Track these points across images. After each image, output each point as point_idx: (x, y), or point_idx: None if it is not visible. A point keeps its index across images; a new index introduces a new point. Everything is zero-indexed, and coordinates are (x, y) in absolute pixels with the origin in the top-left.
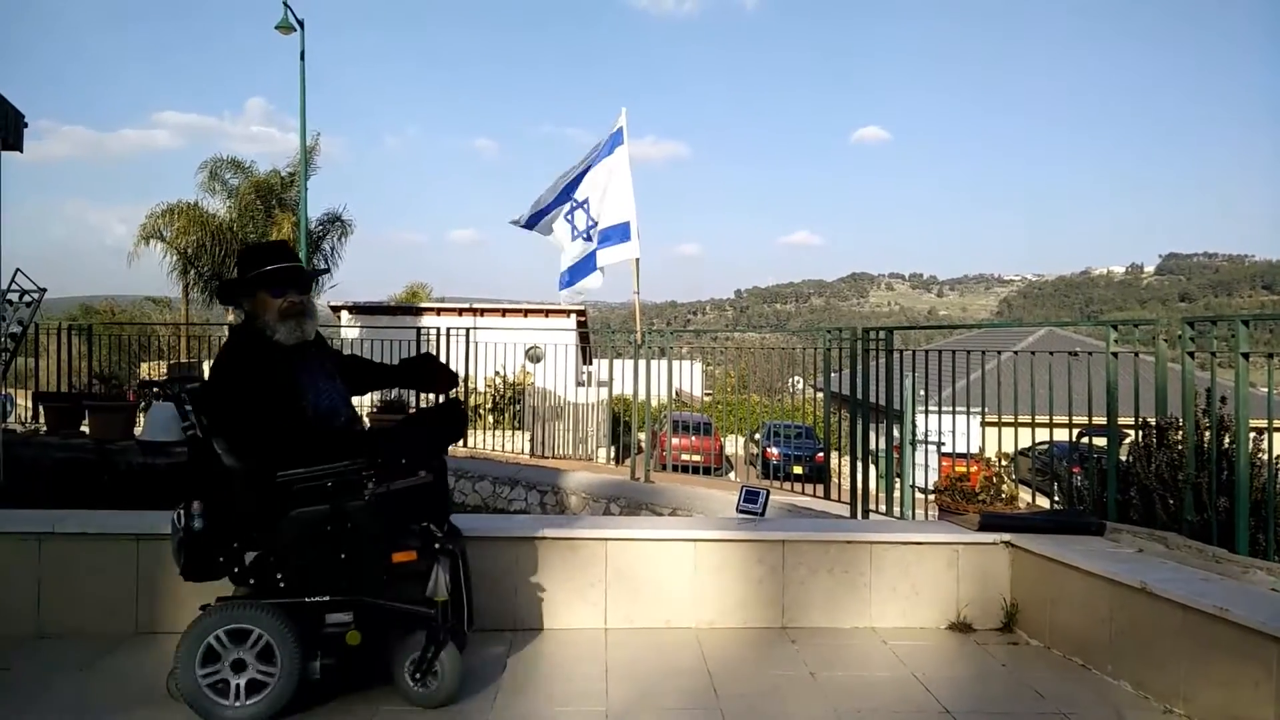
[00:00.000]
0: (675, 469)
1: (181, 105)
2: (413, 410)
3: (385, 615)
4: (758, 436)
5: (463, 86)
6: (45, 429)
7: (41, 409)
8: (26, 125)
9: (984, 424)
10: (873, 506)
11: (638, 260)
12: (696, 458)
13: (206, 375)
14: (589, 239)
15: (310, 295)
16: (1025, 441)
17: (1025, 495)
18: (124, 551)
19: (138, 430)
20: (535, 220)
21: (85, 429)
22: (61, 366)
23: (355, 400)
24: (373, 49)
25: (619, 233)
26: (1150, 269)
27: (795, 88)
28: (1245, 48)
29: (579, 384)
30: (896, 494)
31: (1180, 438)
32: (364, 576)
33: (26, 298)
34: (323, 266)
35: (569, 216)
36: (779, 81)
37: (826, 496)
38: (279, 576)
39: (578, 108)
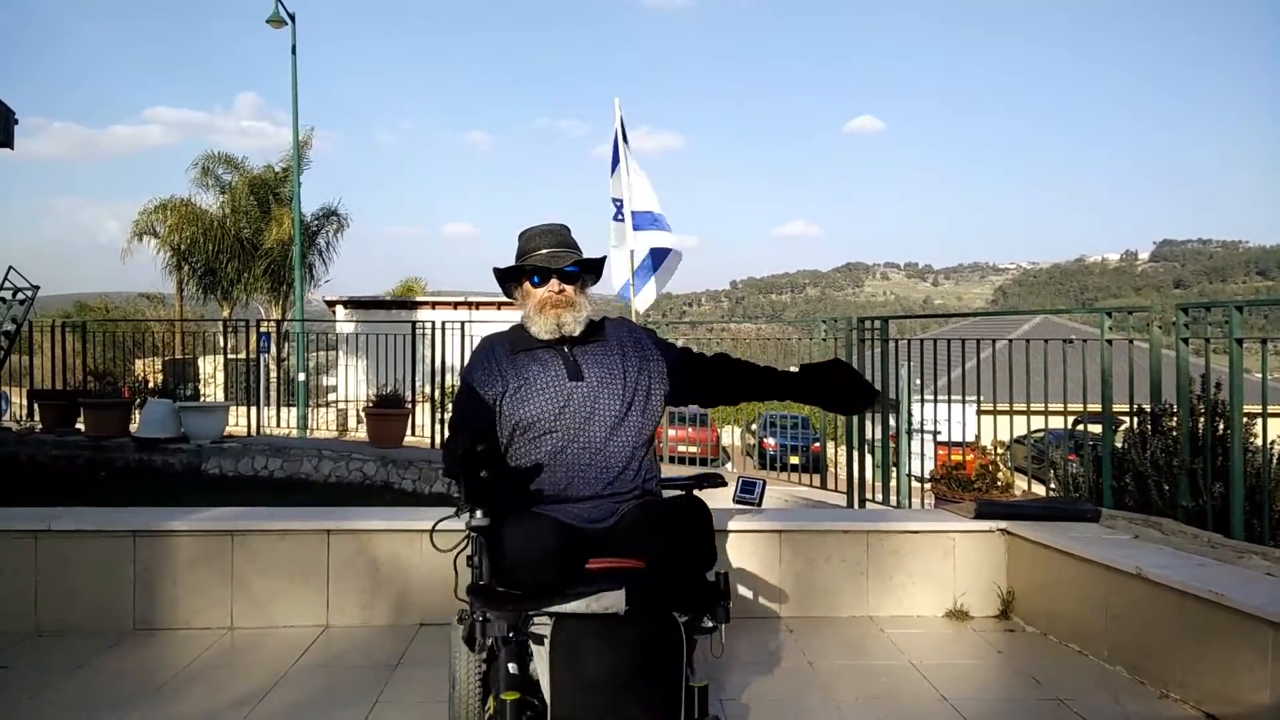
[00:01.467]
0: (672, 460)
1: (173, 101)
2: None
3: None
4: (754, 427)
5: (455, 80)
6: (41, 426)
7: (37, 406)
8: (17, 122)
9: (979, 412)
10: (869, 496)
11: (632, 252)
12: (693, 449)
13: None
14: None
15: (582, 283)
16: (1021, 429)
17: (1021, 483)
18: (120, 548)
19: (133, 427)
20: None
21: (81, 426)
22: (56, 364)
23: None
24: (364, 43)
25: (653, 223)
26: (1144, 256)
27: (789, 78)
28: (1237, 33)
29: None
30: (893, 483)
31: (1175, 424)
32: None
33: (20, 295)
34: (319, 261)
35: (618, 217)
36: (773, 71)
37: (823, 486)
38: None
39: (572, 100)
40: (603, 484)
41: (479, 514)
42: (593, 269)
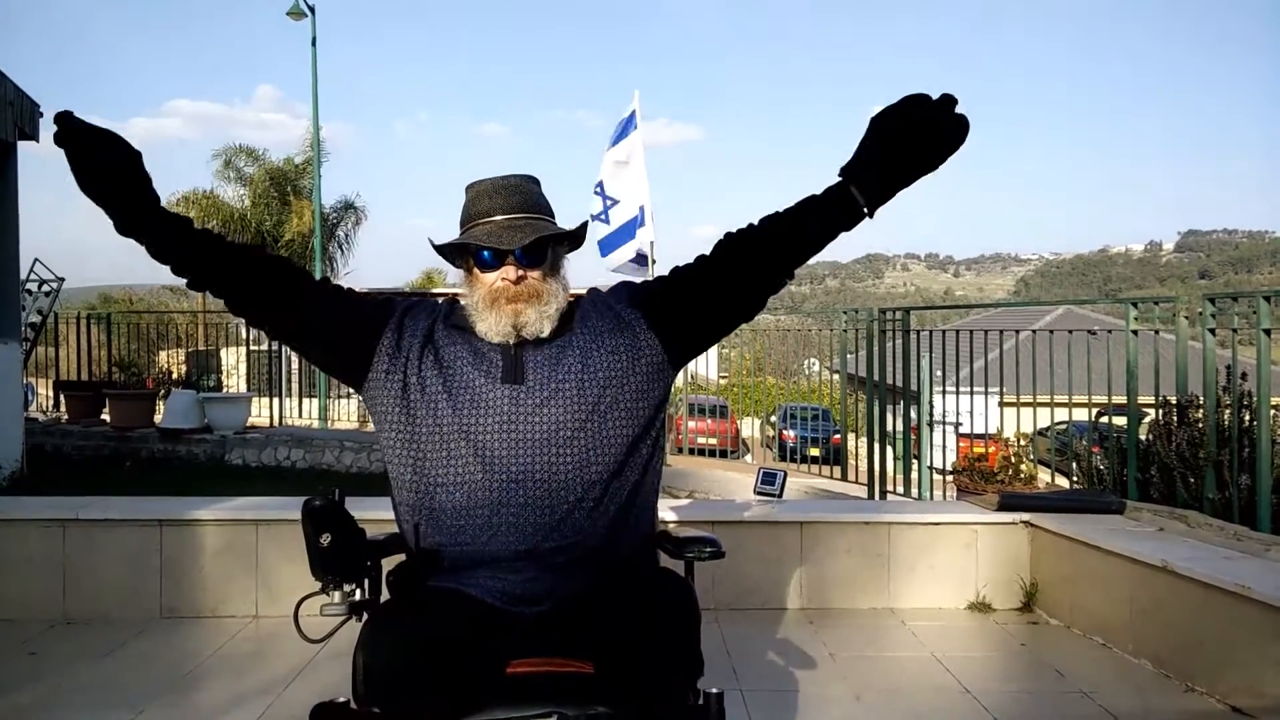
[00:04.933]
0: (692, 452)
1: (193, 93)
2: None
3: None
4: (774, 419)
5: (471, 72)
6: (66, 417)
7: (62, 397)
8: (42, 115)
9: (1002, 404)
10: (890, 488)
11: (652, 243)
12: (713, 441)
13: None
14: (606, 221)
15: (553, 262)
16: (1044, 421)
17: (1044, 475)
18: (147, 537)
19: (157, 418)
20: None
21: (106, 417)
22: (81, 355)
23: None
24: (381, 34)
25: (634, 225)
26: (1169, 246)
27: (806, 66)
28: (1259, 19)
29: None
30: (914, 475)
31: (1201, 415)
32: None
33: (45, 287)
34: (339, 253)
35: (599, 189)
36: (790, 60)
37: (844, 478)
38: None
39: (588, 91)
40: (540, 533)
41: (349, 588)
42: (568, 240)
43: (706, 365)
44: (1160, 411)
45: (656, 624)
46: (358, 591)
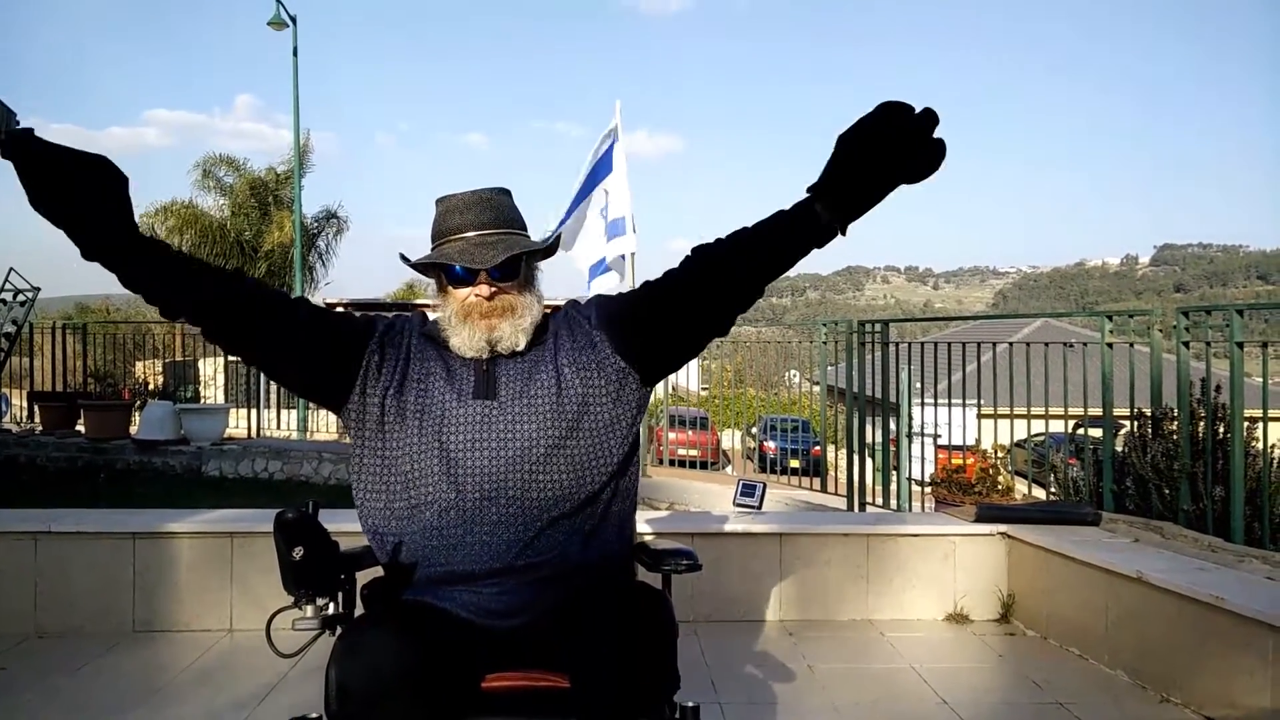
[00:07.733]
0: (672, 464)
1: (171, 102)
2: None
3: None
4: (754, 431)
5: (453, 83)
6: (41, 428)
7: (37, 408)
8: (19, 123)
9: (980, 416)
10: (869, 499)
11: (633, 254)
12: (693, 452)
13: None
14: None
15: (527, 274)
16: (1021, 433)
17: (1021, 487)
18: (121, 550)
19: (133, 429)
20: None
21: (81, 428)
22: (56, 366)
23: None
24: (362, 44)
25: (616, 228)
26: (1145, 260)
27: (786, 80)
28: (1242, 36)
29: None
30: (893, 487)
31: (1176, 428)
32: None
33: (20, 297)
34: (319, 263)
35: (604, 212)
36: (770, 74)
37: (823, 490)
38: None
39: (569, 102)
40: (513, 551)
41: (322, 602)
42: (541, 252)
43: (688, 377)
44: (1136, 424)
45: (632, 638)
46: (331, 605)
